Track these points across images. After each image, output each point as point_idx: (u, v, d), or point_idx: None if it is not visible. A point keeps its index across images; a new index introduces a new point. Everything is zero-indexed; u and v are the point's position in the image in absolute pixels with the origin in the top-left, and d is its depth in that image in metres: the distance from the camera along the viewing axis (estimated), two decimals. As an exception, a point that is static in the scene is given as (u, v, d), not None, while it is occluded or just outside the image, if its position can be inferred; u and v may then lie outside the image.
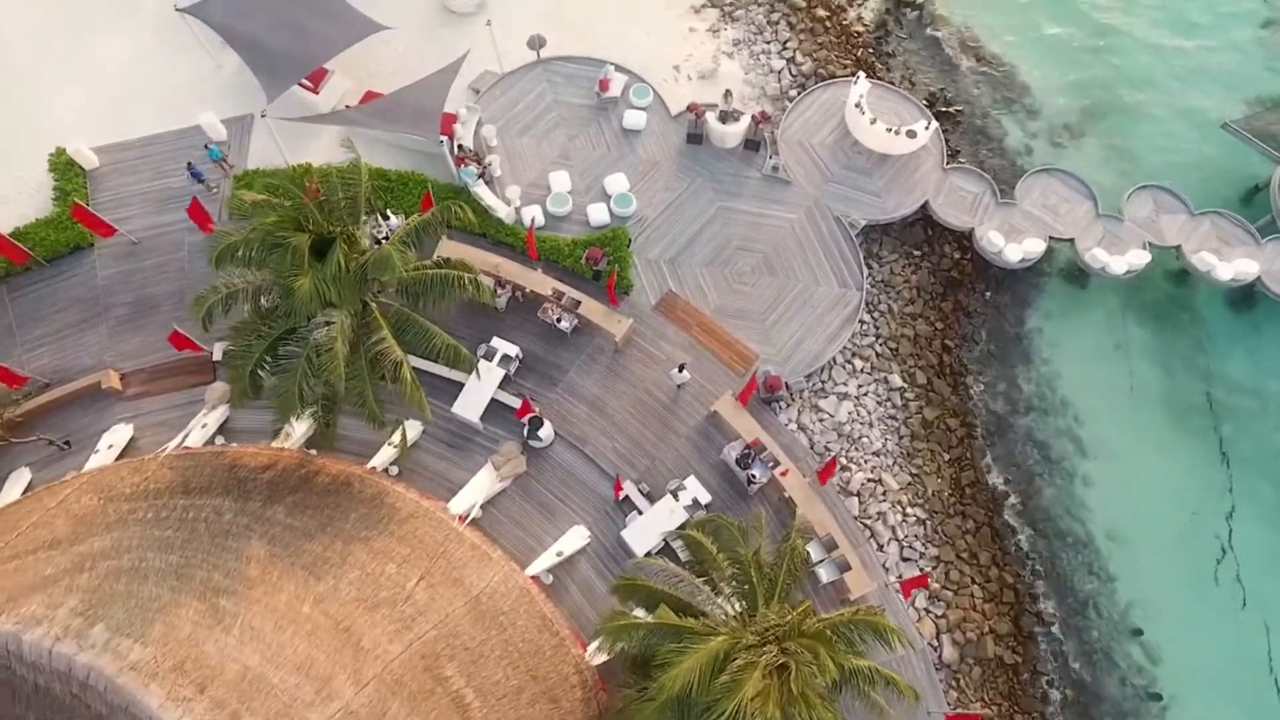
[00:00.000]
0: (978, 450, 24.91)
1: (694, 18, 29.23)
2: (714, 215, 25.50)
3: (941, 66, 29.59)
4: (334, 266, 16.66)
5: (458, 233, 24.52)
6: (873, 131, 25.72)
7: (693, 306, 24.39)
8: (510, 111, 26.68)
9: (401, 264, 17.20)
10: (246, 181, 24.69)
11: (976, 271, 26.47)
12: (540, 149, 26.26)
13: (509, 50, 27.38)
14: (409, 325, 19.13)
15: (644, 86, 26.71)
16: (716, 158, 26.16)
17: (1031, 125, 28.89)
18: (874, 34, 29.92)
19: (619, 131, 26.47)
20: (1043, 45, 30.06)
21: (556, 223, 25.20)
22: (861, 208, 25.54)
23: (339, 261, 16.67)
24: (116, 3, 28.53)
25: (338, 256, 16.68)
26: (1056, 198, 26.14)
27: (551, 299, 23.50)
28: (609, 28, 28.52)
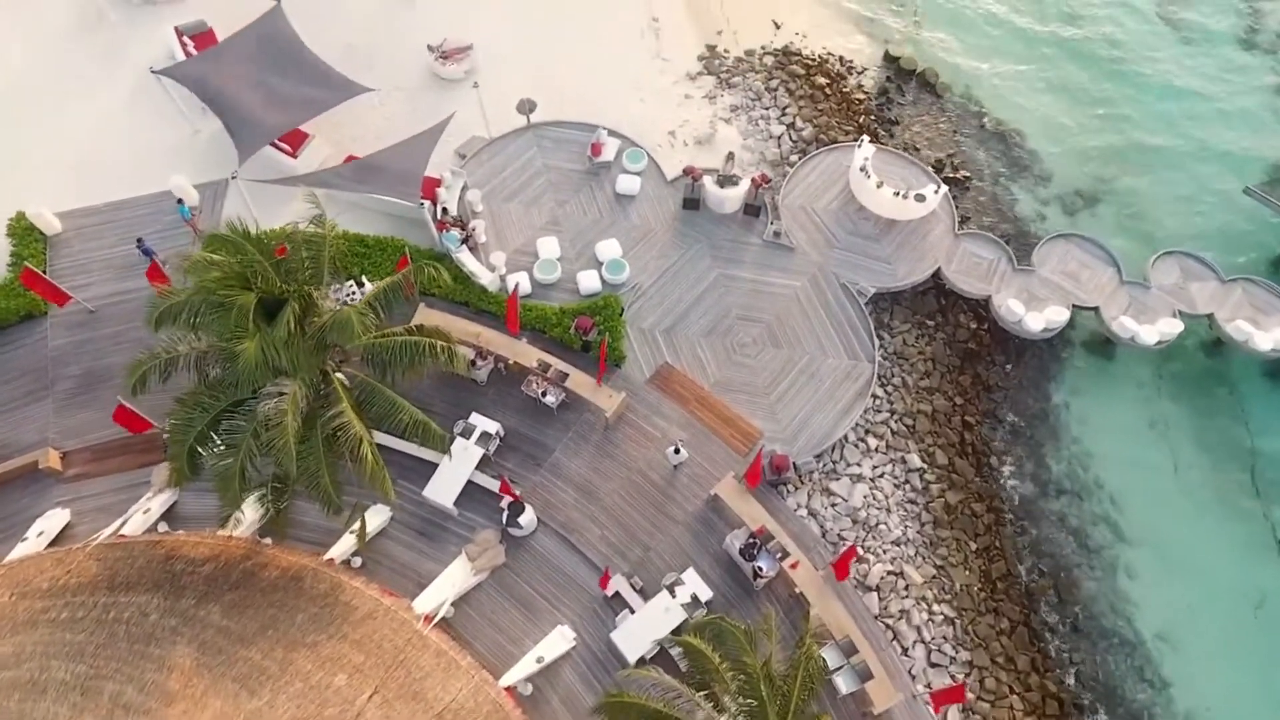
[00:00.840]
0: (1007, 538, 22.50)
1: (689, 84, 28.44)
2: (713, 283, 23.88)
3: (946, 133, 28.64)
4: (284, 330, 14.78)
5: (438, 301, 22.95)
6: (879, 196, 24.40)
7: (690, 380, 22.46)
8: (498, 176, 25.45)
9: (362, 328, 15.33)
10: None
11: (995, 342, 24.68)
12: (528, 215, 24.88)
13: (498, 116, 26.42)
14: (374, 398, 17.15)
15: (638, 151, 25.58)
16: (715, 223, 24.76)
17: (1043, 191, 27.67)
18: (875, 101, 29.09)
19: (612, 197, 25.16)
20: (1050, 111, 29.20)
21: (544, 291, 23.55)
22: (870, 275, 23.95)
23: (289, 324, 14.81)
24: (95, 66, 27.77)
25: (288, 318, 14.82)
26: (1076, 264, 24.60)
27: (536, 371, 21.60)
28: (602, 94, 27.69)
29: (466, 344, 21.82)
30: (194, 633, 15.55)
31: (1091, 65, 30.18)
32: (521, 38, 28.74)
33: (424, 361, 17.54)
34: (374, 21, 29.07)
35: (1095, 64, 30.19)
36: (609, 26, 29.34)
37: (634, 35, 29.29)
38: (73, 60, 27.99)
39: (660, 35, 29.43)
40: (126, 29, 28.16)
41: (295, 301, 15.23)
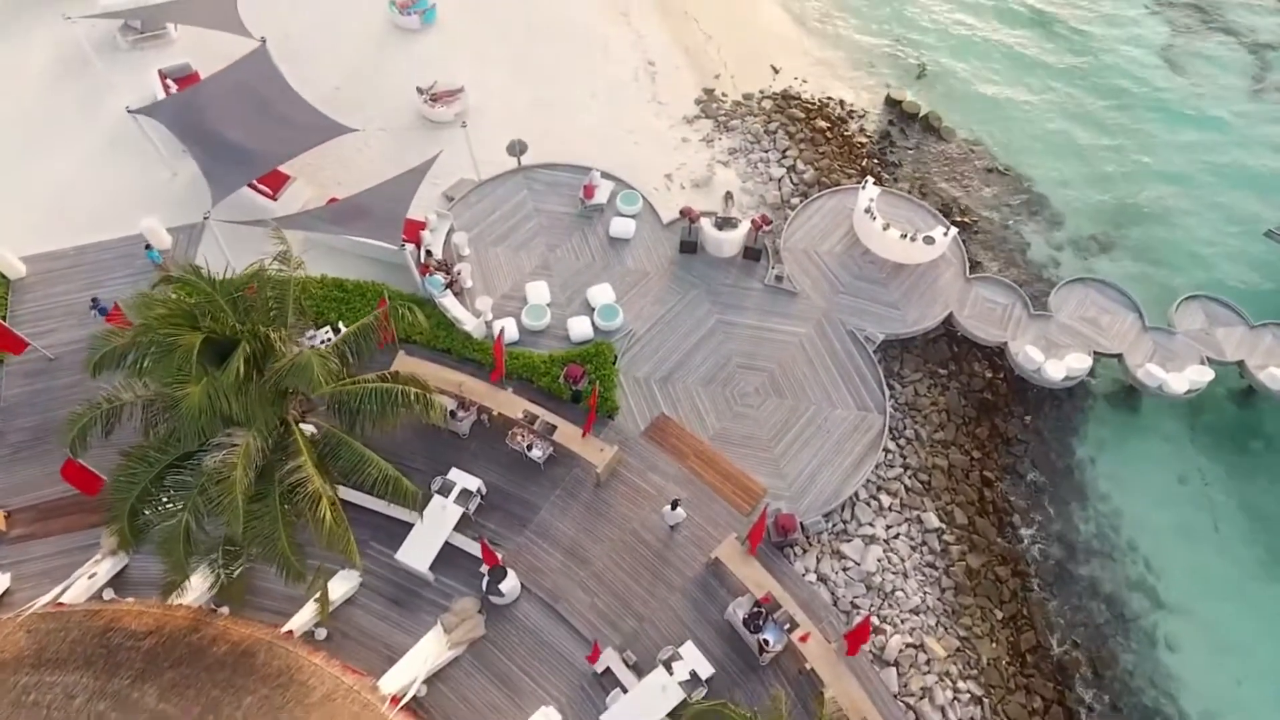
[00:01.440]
0: (1036, 606, 20.59)
1: (686, 128, 27.62)
2: (712, 329, 22.52)
3: (952, 177, 27.68)
4: (233, 374, 13.31)
5: (419, 348, 21.57)
6: (886, 238, 23.23)
7: (688, 433, 20.89)
8: (486, 219, 24.34)
9: (325, 373, 13.84)
10: (184, 291, 21.85)
11: (1013, 392, 23.19)
12: (517, 259, 23.69)
13: (488, 158, 25.51)
14: (341, 451, 15.57)
15: (633, 193, 24.54)
16: (713, 267, 23.54)
17: (1055, 236, 26.55)
18: (878, 144, 28.22)
19: (605, 240, 24.01)
20: (1058, 155, 28.33)
21: (533, 337, 22.17)
22: (878, 321, 22.60)
23: (240, 368, 13.33)
24: (75, 109, 27.06)
25: (239, 362, 13.35)
26: (1096, 309, 23.27)
27: (522, 423, 20.06)
28: (596, 137, 26.85)
29: (447, 394, 20.37)
30: (123, 718, 13.65)
31: (1099, 109, 29.44)
32: (514, 81, 28.11)
33: (396, 411, 16.02)
34: (364, 64, 28.51)
35: (1103, 108, 29.46)
36: (604, 70, 28.73)
37: (629, 79, 28.65)
38: (52, 104, 27.31)
39: (656, 79, 28.79)
40: (111, 73, 27.47)
41: (248, 343, 13.77)
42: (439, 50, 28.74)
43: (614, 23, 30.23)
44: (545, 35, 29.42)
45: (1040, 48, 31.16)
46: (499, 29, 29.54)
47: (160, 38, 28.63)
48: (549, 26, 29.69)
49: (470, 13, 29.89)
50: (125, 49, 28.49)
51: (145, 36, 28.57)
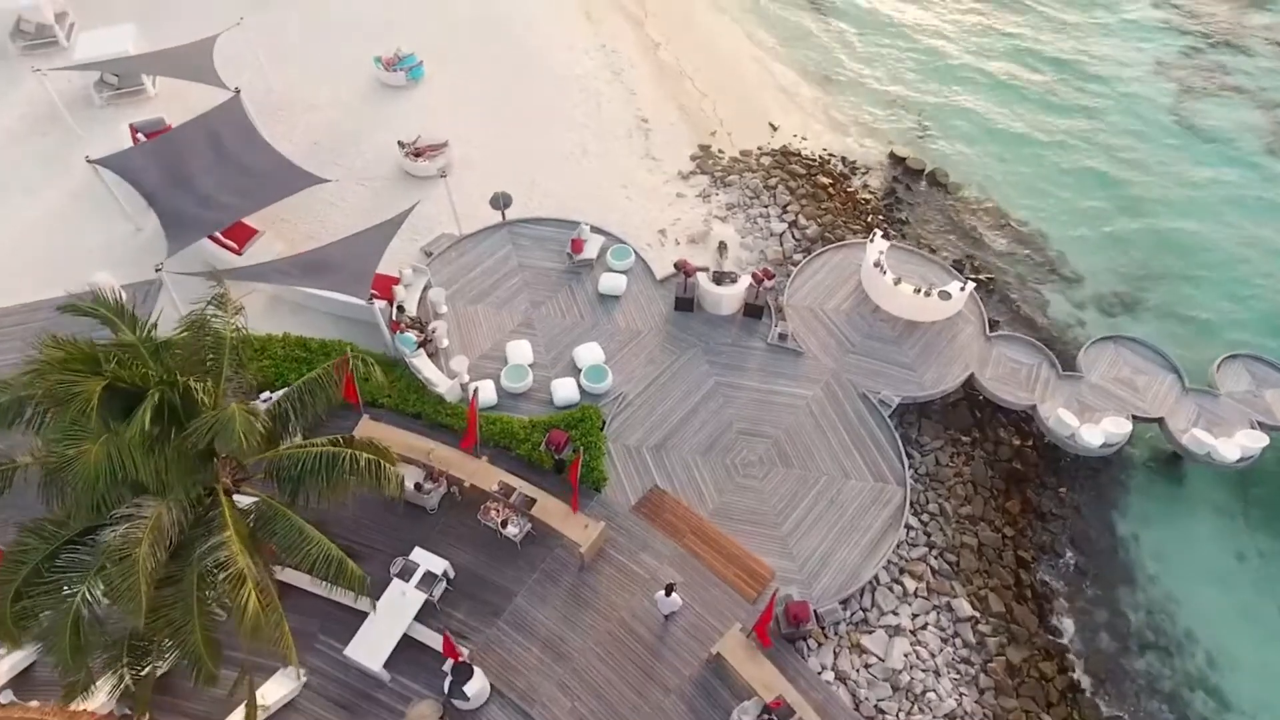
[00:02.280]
0: (1087, 708, 17.83)
1: (681, 183, 26.28)
2: (710, 392, 20.48)
3: (962, 234, 26.17)
4: (138, 429, 11.19)
5: (386, 412, 19.49)
6: (898, 294, 21.47)
7: (685, 507, 18.59)
8: (466, 276, 22.63)
9: (247, 431, 11.69)
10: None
11: (1044, 461, 20.99)
12: (498, 317, 21.85)
13: (471, 213, 24.06)
14: (276, 525, 13.31)
15: (624, 248, 22.92)
16: (711, 326, 21.69)
17: (1076, 293, 24.82)
18: (883, 200, 26.84)
19: (594, 297, 22.24)
20: (1073, 209, 26.91)
21: (513, 401, 20.12)
22: (893, 383, 20.59)
23: (145, 422, 11.21)
24: (40, 164, 25.86)
25: (145, 416, 11.23)
26: (1130, 370, 21.30)
27: (497, 496, 17.79)
28: (586, 192, 25.48)
29: (415, 463, 18.18)
30: None
31: (1111, 164, 28.22)
32: (502, 136, 26.94)
33: (346, 480, 13.81)
34: (346, 119, 27.42)
35: (1115, 162, 28.24)
36: (596, 126, 27.63)
37: (621, 135, 27.51)
38: (15, 157, 26.12)
39: (650, 135, 27.65)
40: (83, 128, 26.36)
41: (161, 394, 11.68)
42: (425, 106, 27.70)
43: (607, 81, 29.35)
44: (536, 92, 28.48)
45: (1046, 104, 30.20)
46: (488, 86, 28.62)
47: (137, 94, 27.63)
48: (540, 83, 28.80)
49: (459, 70, 29.04)
50: (100, 105, 27.44)
51: (121, 93, 27.57)
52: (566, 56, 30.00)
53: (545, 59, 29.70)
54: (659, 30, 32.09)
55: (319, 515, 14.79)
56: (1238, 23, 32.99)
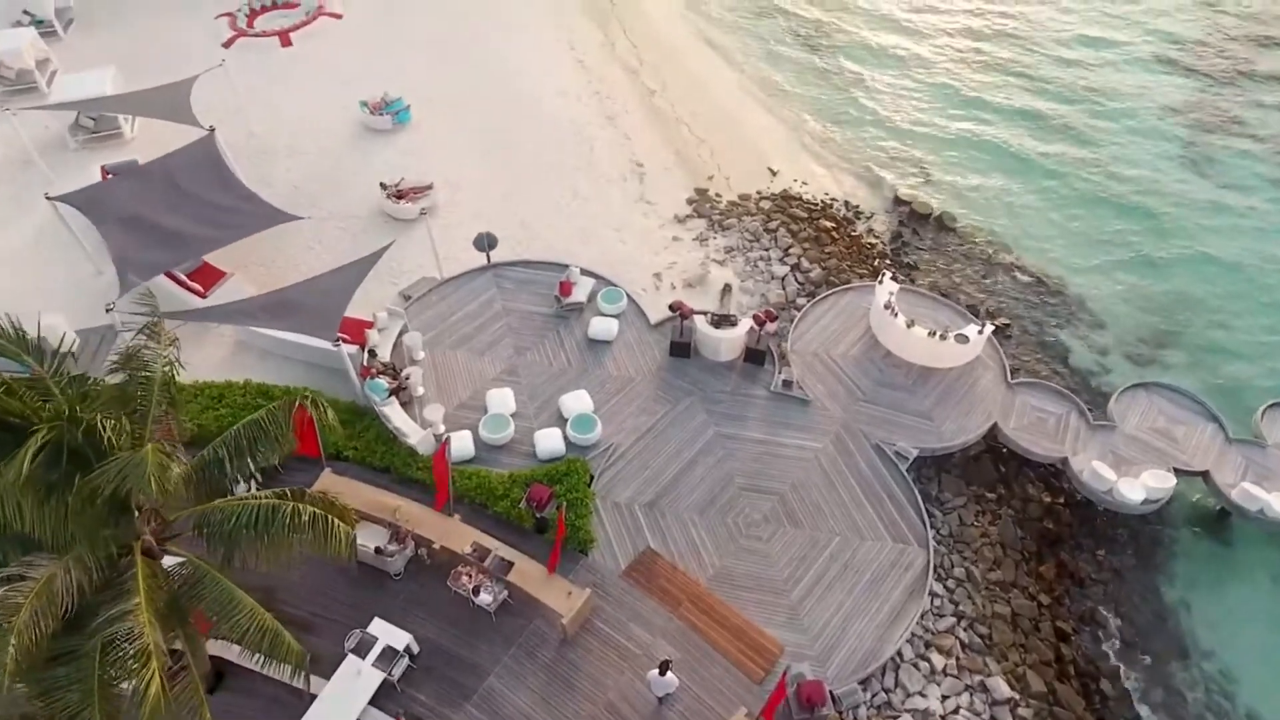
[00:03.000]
0: (1148, 807, 15.47)
1: (677, 227, 25.03)
2: (709, 444, 18.70)
3: (974, 278, 24.78)
4: (18, 470, 9.40)
5: (351, 466, 17.68)
6: (911, 338, 19.90)
7: (681, 572, 16.59)
8: (446, 320, 21.11)
9: (158, 474, 9.89)
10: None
11: (1078, 520, 19.02)
12: (480, 364, 20.22)
13: (454, 256, 22.77)
14: (204, 589, 11.39)
15: (616, 290, 21.46)
16: (710, 373, 20.04)
17: (1099, 339, 23.25)
18: (890, 245, 25.54)
19: (583, 343, 20.67)
20: (1090, 252, 25.61)
21: (492, 454, 18.30)
22: (909, 433, 18.82)
23: (21, 465, 9.41)
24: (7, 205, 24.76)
25: (26, 455, 9.45)
26: (1166, 419, 19.57)
27: (469, 559, 15.83)
28: (577, 236, 24.24)
29: (379, 522, 16.28)
30: None
31: (1126, 207, 27.06)
32: (491, 179, 25.89)
33: (289, 539, 11.94)
34: (329, 162, 26.42)
35: (1130, 206, 27.07)
36: (588, 170, 26.58)
37: (615, 178, 26.43)
38: (-19, 202, 24.96)
39: (645, 179, 26.56)
40: (55, 171, 25.25)
41: (50, 430, 9.90)
42: (411, 150, 26.72)
43: (601, 126, 28.49)
44: (527, 136, 27.57)
45: (1054, 146, 29.26)
46: (477, 130, 27.74)
47: (114, 137, 26.69)
48: (531, 128, 27.92)
49: (448, 115, 28.20)
50: (74, 148, 26.46)
51: (97, 136, 26.63)
52: (559, 102, 29.24)
53: (537, 104, 28.95)
54: (654, 78, 31.47)
55: (266, 580, 12.97)
56: (1247, 62, 32.52)
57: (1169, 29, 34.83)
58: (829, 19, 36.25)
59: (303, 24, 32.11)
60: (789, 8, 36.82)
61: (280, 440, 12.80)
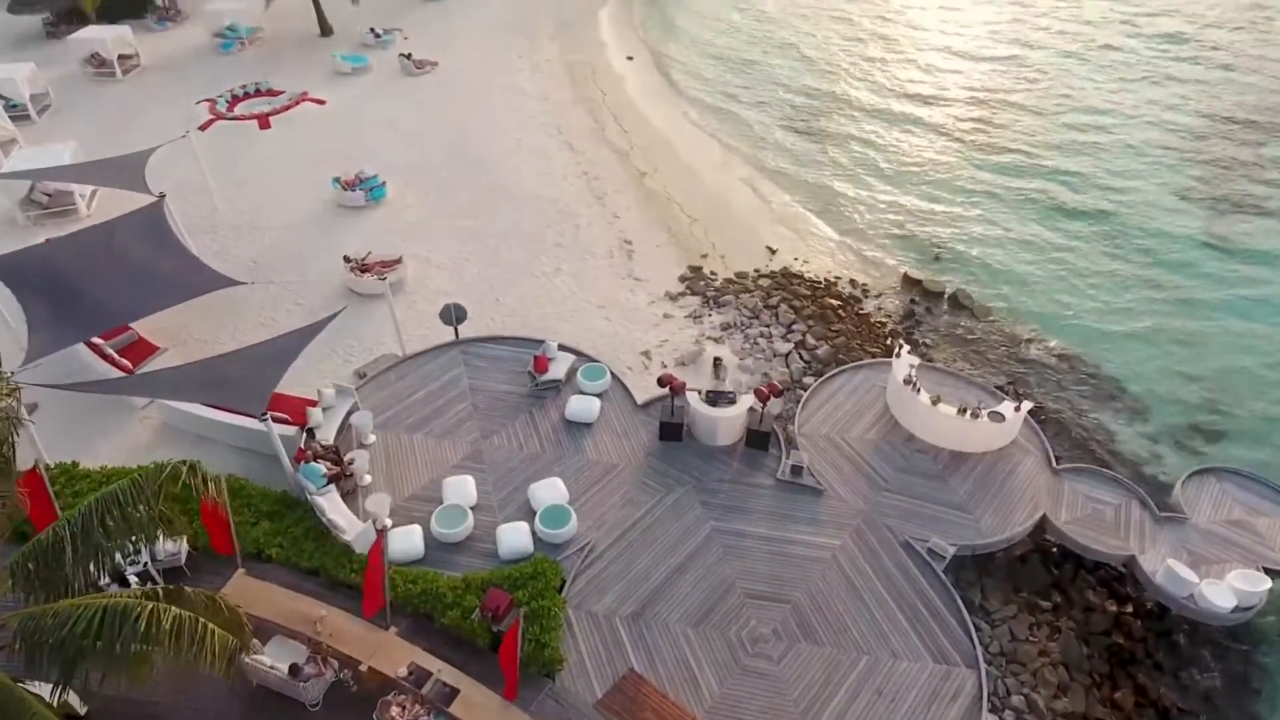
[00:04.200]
0: None
1: (669, 304, 22.89)
2: (705, 542, 15.71)
3: (996, 359, 22.40)
4: None
5: (273, 568, 14.63)
6: (936, 417, 17.27)
7: (671, 702, 13.26)
8: (404, 400, 18.50)
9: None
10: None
11: (1152, 633, 15.74)
12: (439, 448, 17.47)
13: (421, 334, 20.52)
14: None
15: (598, 367, 18.98)
16: (705, 458, 17.28)
17: (1144, 424, 20.64)
18: (902, 324, 23.30)
19: (559, 425, 18.00)
20: (1121, 331, 23.41)
21: (445, 554, 15.26)
22: (943, 528, 15.87)
23: None
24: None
25: None
26: (1242, 508, 16.67)
27: (405, 685, 12.57)
28: (559, 312, 22.10)
29: (296, 636, 13.12)
30: None
31: (1146, 280, 25.38)
32: (468, 255, 24.09)
33: (147, 652, 8.96)
34: (294, 238, 24.74)
35: (1154, 281, 25.34)
36: (573, 247, 24.80)
37: (601, 255, 24.56)
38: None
39: (633, 256, 24.71)
40: (0, 247, 23.41)
41: None
42: (383, 226, 25.03)
43: (588, 205, 26.96)
44: (509, 214, 25.99)
45: (1066, 224, 27.76)
46: (457, 207, 26.18)
47: (67, 214, 24.99)
48: (514, 206, 26.39)
49: (425, 192, 26.76)
50: (24, 224, 24.72)
51: (49, 212, 24.96)
52: (545, 181, 27.88)
53: (522, 184, 27.58)
54: (645, 162, 30.31)
55: (143, 710, 9.90)
56: (1258, 144, 31.65)
57: (1180, 104, 34.64)
58: (823, 103, 35.80)
59: (284, 108, 31.29)
60: (785, 95, 36.43)
61: (152, 525, 9.99)
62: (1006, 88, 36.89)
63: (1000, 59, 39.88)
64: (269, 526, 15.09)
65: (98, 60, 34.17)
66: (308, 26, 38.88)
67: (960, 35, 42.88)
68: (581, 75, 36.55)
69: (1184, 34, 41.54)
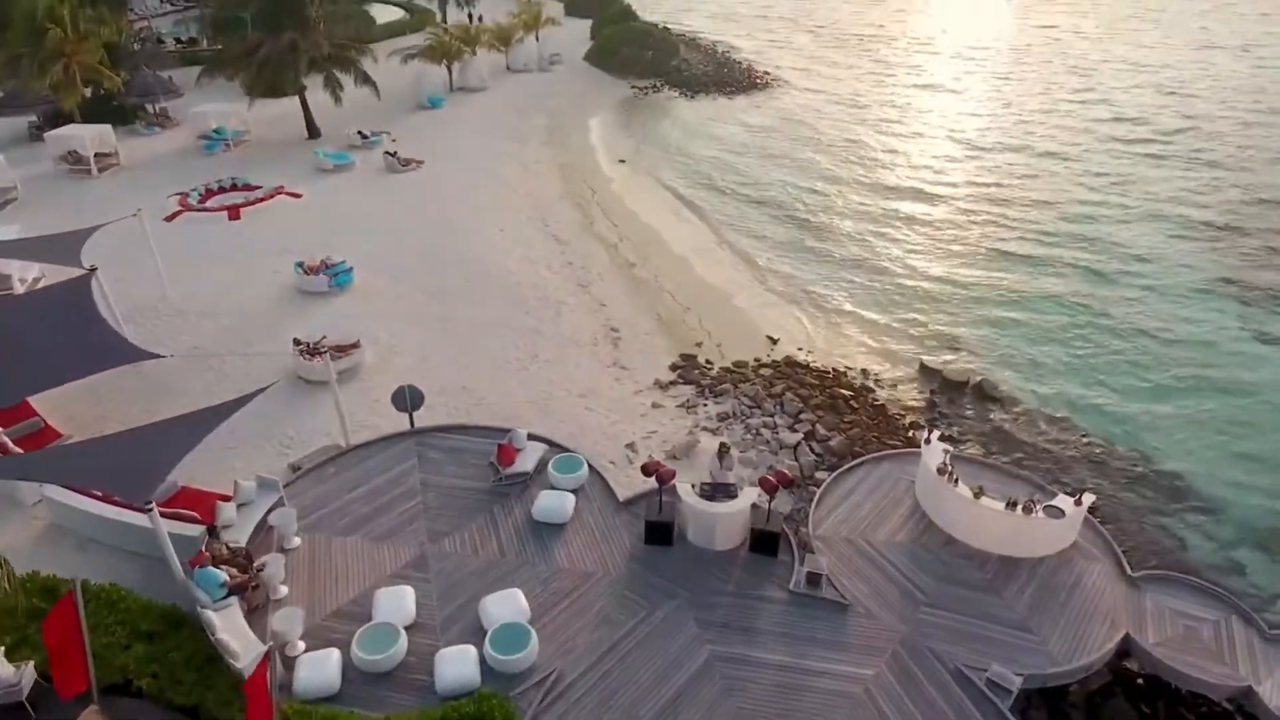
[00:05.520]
0: None
1: (658, 393, 20.33)
2: (701, 671, 12.36)
3: (1035, 453, 19.60)
4: None
5: (139, 703, 11.24)
6: (981, 514, 14.28)
7: None
8: (341, 497, 15.53)
9: None
10: None
11: (1286, 796, 12.11)
12: (376, 554, 14.35)
13: (374, 423, 17.82)
14: None
15: (573, 458, 16.11)
16: (702, 565, 14.14)
17: (1217, 520, 17.74)
18: (924, 416, 20.62)
19: (525, 526, 14.96)
20: (1168, 417, 20.89)
21: (366, 687, 11.88)
22: (1003, 652, 12.56)
23: None
24: None
25: None
26: (1372, 630, 13.38)
27: None
28: (533, 401, 19.53)
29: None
30: None
31: (1184, 365, 23.18)
32: (432, 343, 21.76)
33: None
34: (246, 324, 22.45)
35: (1189, 365, 23.16)
36: (553, 334, 22.55)
37: (584, 343, 22.24)
38: None
39: (620, 344, 22.39)
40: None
41: None
42: (345, 313, 22.82)
43: (571, 292, 24.94)
44: (485, 301, 23.92)
45: (1096, 310, 25.77)
46: (429, 293, 24.15)
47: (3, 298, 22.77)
48: (491, 293, 24.38)
49: (396, 279, 24.82)
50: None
51: (-20, 301, 22.76)
52: (526, 269, 26.01)
53: (501, 272, 25.71)
54: (635, 253, 28.62)
55: None
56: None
57: (1202, 190, 34.17)
58: (822, 199, 34.76)
59: (258, 201, 29.93)
60: (782, 193, 35.40)
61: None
62: (1016, 174, 36.74)
63: (1010, 148, 40.15)
64: (144, 650, 11.81)
65: (73, 157, 33.25)
66: (296, 131, 38.47)
67: (961, 131, 43.24)
68: (571, 175, 35.70)
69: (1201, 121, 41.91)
